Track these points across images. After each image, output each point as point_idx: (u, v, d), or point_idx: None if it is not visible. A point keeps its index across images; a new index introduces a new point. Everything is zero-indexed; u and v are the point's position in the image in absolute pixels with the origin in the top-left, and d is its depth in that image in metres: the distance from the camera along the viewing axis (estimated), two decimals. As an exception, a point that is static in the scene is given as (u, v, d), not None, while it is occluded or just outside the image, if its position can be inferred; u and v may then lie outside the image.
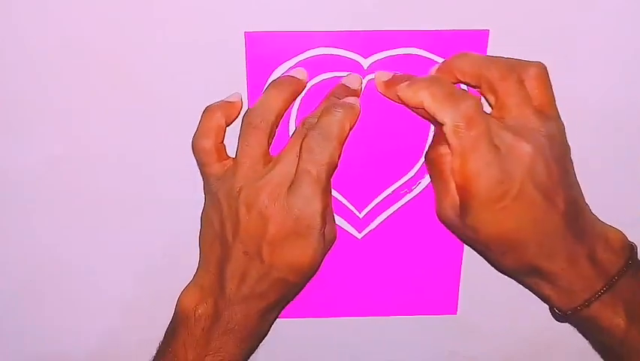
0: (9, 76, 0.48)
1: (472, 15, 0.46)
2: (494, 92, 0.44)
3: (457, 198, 0.44)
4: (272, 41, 0.46)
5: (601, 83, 0.50)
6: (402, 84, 0.44)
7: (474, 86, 0.45)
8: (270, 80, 0.47)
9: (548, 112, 0.44)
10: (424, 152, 0.49)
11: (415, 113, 0.45)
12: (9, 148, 0.50)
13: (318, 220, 0.44)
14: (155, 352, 0.49)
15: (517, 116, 0.43)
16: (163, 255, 0.53)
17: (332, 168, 0.44)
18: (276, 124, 0.45)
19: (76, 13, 0.46)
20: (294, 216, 0.43)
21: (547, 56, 0.48)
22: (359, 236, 0.53)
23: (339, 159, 0.44)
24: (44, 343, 0.57)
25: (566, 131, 0.46)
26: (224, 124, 0.46)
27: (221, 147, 0.46)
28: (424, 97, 0.42)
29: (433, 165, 0.47)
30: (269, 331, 0.50)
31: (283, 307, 0.49)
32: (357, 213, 0.52)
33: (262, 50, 0.46)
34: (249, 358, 0.49)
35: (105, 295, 0.56)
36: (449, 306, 0.55)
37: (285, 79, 0.47)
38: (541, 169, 0.42)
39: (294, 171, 0.43)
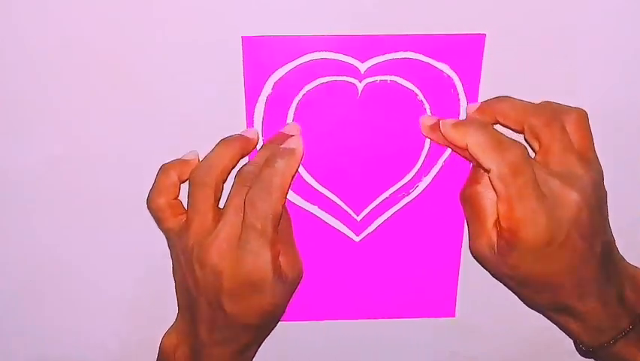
0: (9, 76, 0.48)
1: (469, 19, 0.46)
2: (538, 138, 0.44)
3: (494, 236, 0.45)
4: (269, 45, 0.46)
5: (599, 85, 0.49)
6: (447, 123, 0.45)
7: (516, 130, 0.46)
8: (267, 84, 0.47)
9: (590, 157, 0.45)
10: (424, 156, 0.49)
11: (462, 157, 0.46)
12: (9, 148, 0.50)
13: (269, 271, 0.44)
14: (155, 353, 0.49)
15: (562, 162, 0.43)
16: (163, 255, 0.53)
17: (277, 218, 0.44)
18: (222, 180, 0.46)
19: (76, 16, 0.46)
20: (245, 271, 0.44)
21: (544, 59, 0.48)
22: (357, 239, 0.53)
23: (283, 207, 0.45)
24: (44, 343, 0.58)
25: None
26: (177, 182, 0.47)
27: (175, 203, 0.47)
28: (470, 142, 0.43)
29: (468, 202, 0.47)
30: None
31: (260, 343, 0.51)
32: (354, 216, 0.52)
33: (259, 54, 0.46)
34: None
35: (105, 296, 0.56)
36: (447, 309, 0.55)
37: (234, 137, 0.47)
38: (586, 217, 0.43)
39: (238, 224, 0.44)
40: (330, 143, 0.49)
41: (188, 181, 0.47)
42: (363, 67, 0.47)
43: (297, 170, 0.45)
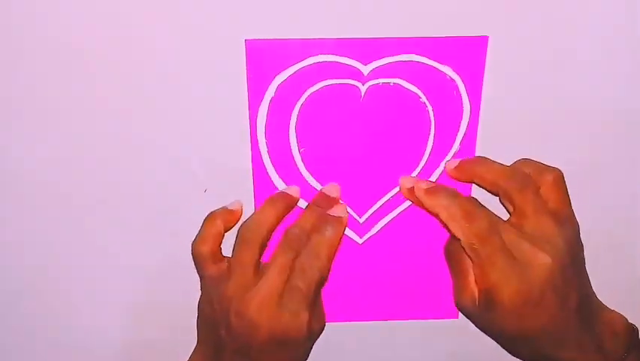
0: (9, 76, 0.48)
1: (472, 21, 0.46)
2: (512, 202, 0.46)
3: (475, 291, 0.47)
4: (272, 48, 0.46)
5: (601, 87, 0.50)
6: (421, 188, 0.47)
7: (492, 192, 0.47)
8: (270, 87, 0.47)
9: (564, 214, 0.47)
10: (425, 160, 0.50)
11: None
12: (9, 148, 0.50)
13: (304, 331, 0.47)
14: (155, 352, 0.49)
15: (535, 223, 0.45)
16: (163, 255, 0.53)
17: (323, 283, 0.47)
18: (267, 238, 0.48)
19: (78, 18, 0.46)
20: (281, 329, 0.46)
21: (547, 61, 0.48)
22: (360, 241, 0.53)
23: (329, 273, 0.47)
24: (44, 343, 0.58)
25: (566, 133, 0.46)
26: (222, 231, 0.49)
27: (217, 251, 0.49)
28: (440, 211, 0.46)
29: (451, 258, 0.50)
30: None
31: None
32: (357, 218, 0.52)
33: (262, 57, 0.46)
34: None
35: (105, 296, 0.56)
36: (450, 310, 0.55)
37: (279, 195, 0.49)
38: (559, 276, 0.44)
39: (281, 283, 0.46)
40: (333, 145, 0.49)
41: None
42: (366, 69, 0.47)
43: (343, 235, 0.48)
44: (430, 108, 0.49)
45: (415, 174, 0.50)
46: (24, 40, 0.46)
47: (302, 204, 0.51)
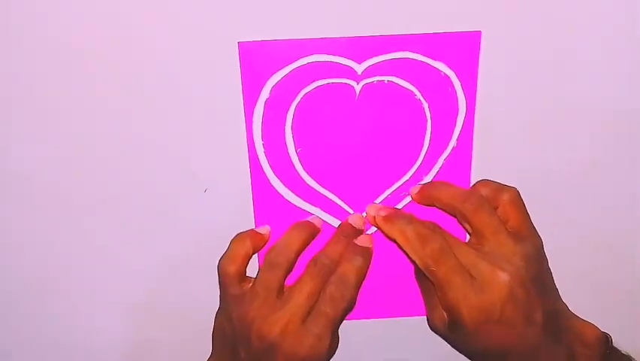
0: (9, 76, 0.48)
1: (464, 17, 0.46)
2: (469, 223, 0.47)
3: (444, 313, 0.48)
4: (265, 50, 0.46)
5: (595, 81, 0.49)
6: (380, 215, 0.49)
7: (451, 215, 0.48)
8: (264, 88, 0.47)
9: (523, 233, 0.47)
10: (422, 156, 0.50)
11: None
12: (9, 148, 0.51)
13: (324, 354, 0.48)
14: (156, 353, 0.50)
15: (493, 243, 0.46)
16: (163, 255, 0.54)
17: (350, 310, 0.48)
18: (294, 262, 0.49)
19: (76, 20, 0.46)
20: (304, 352, 0.47)
21: (540, 55, 0.48)
22: (359, 239, 0.53)
23: (356, 302, 0.48)
24: (44, 343, 0.58)
25: (565, 132, 0.46)
26: (250, 253, 0.50)
27: (243, 271, 0.50)
28: (396, 236, 0.47)
29: (420, 280, 0.51)
30: None
31: None
32: (356, 216, 0.52)
33: (256, 58, 0.46)
34: None
35: (105, 296, 0.56)
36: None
37: (304, 222, 0.51)
38: (520, 293, 0.45)
39: (306, 308, 0.47)
40: (329, 145, 0.49)
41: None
42: (360, 68, 0.47)
43: (370, 266, 0.49)
44: (425, 105, 0.49)
45: (412, 171, 0.51)
46: (24, 40, 0.47)
47: (302, 204, 0.51)
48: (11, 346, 0.58)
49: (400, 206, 0.52)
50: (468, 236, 0.48)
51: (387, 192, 0.51)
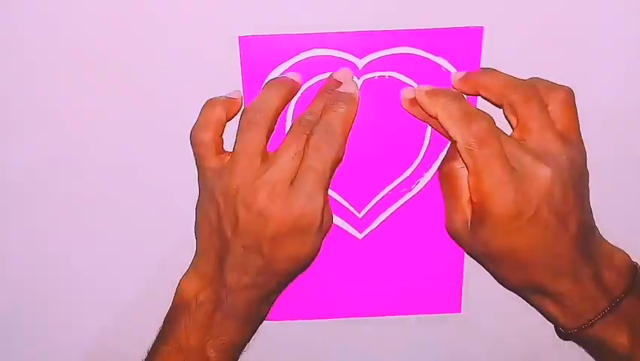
0: (8, 76, 0.48)
1: (466, 12, 0.46)
2: (516, 114, 0.44)
3: (468, 212, 0.45)
4: (266, 45, 0.46)
5: (598, 75, 0.49)
6: (422, 90, 0.45)
7: (496, 105, 0.45)
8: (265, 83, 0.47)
9: (571, 137, 0.44)
10: (423, 151, 0.49)
11: (435, 130, 0.46)
12: (8, 148, 0.50)
13: (319, 217, 0.44)
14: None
15: (539, 139, 0.43)
16: (163, 255, 0.53)
17: (338, 163, 0.44)
18: (274, 121, 0.45)
19: (73, 17, 0.46)
20: (295, 214, 0.43)
21: (543, 50, 0.48)
22: (360, 237, 0.53)
23: (344, 153, 0.45)
24: (44, 343, 0.58)
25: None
26: (224, 118, 0.46)
27: (219, 140, 0.46)
28: (439, 111, 0.43)
29: (445, 178, 0.47)
30: (268, 313, 0.51)
31: (283, 290, 0.50)
32: (356, 213, 0.52)
33: (256, 53, 0.46)
34: (249, 340, 0.50)
35: (104, 295, 0.56)
36: (453, 304, 0.55)
37: (282, 79, 0.47)
38: (559, 194, 0.42)
39: (293, 169, 0.44)
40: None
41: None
42: (360, 63, 0.47)
43: (356, 115, 0.46)
44: (426, 101, 0.48)
45: (413, 167, 0.50)
46: (24, 40, 0.47)
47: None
48: (11, 346, 0.58)
49: (400, 203, 0.52)
50: (511, 131, 0.45)
51: (388, 188, 0.51)
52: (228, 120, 0.46)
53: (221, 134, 0.46)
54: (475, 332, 0.58)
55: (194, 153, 0.47)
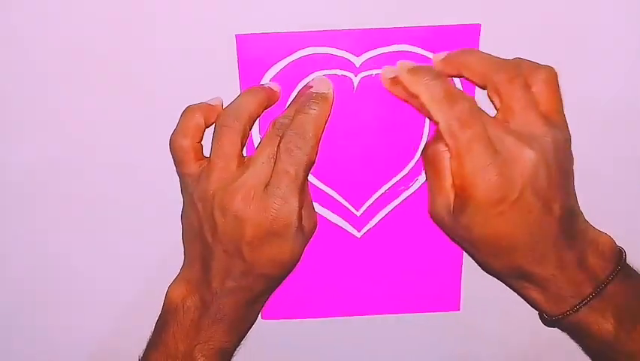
0: (8, 76, 0.48)
1: (463, 9, 0.46)
2: (499, 95, 0.43)
3: (451, 196, 0.44)
4: (263, 43, 0.46)
5: (593, 72, 0.49)
6: (404, 66, 0.44)
7: (479, 86, 0.45)
8: (262, 81, 0.47)
9: (555, 119, 0.43)
10: (422, 148, 0.49)
11: (415, 109, 0.45)
12: (8, 148, 0.51)
13: (294, 219, 0.44)
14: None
15: (522, 120, 0.42)
16: (163, 255, 0.53)
17: (310, 166, 0.44)
18: (249, 125, 0.45)
19: (73, 17, 0.46)
20: (270, 217, 0.43)
21: (539, 47, 0.48)
22: (358, 235, 0.53)
23: (316, 155, 0.44)
24: (43, 343, 0.58)
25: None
26: (203, 124, 0.46)
27: (198, 146, 0.46)
28: (421, 90, 0.43)
29: (429, 161, 0.46)
30: (257, 317, 0.50)
31: (271, 294, 0.50)
32: (354, 211, 0.52)
33: (253, 51, 0.47)
34: (239, 344, 0.50)
35: (104, 296, 0.56)
36: (452, 303, 0.55)
37: (259, 86, 0.47)
38: (543, 176, 0.41)
39: (267, 172, 0.44)
40: (327, 138, 0.49)
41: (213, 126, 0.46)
42: (358, 61, 0.47)
43: (329, 116, 0.45)
44: (424, 98, 0.48)
45: (411, 165, 0.50)
46: (23, 40, 0.47)
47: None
48: (11, 346, 0.58)
49: (398, 201, 0.52)
50: (495, 112, 0.44)
51: (386, 186, 0.51)
52: (207, 127, 0.47)
53: (200, 140, 0.47)
54: (473, 330, 0.57)
55: (173, 159, 0.47)
